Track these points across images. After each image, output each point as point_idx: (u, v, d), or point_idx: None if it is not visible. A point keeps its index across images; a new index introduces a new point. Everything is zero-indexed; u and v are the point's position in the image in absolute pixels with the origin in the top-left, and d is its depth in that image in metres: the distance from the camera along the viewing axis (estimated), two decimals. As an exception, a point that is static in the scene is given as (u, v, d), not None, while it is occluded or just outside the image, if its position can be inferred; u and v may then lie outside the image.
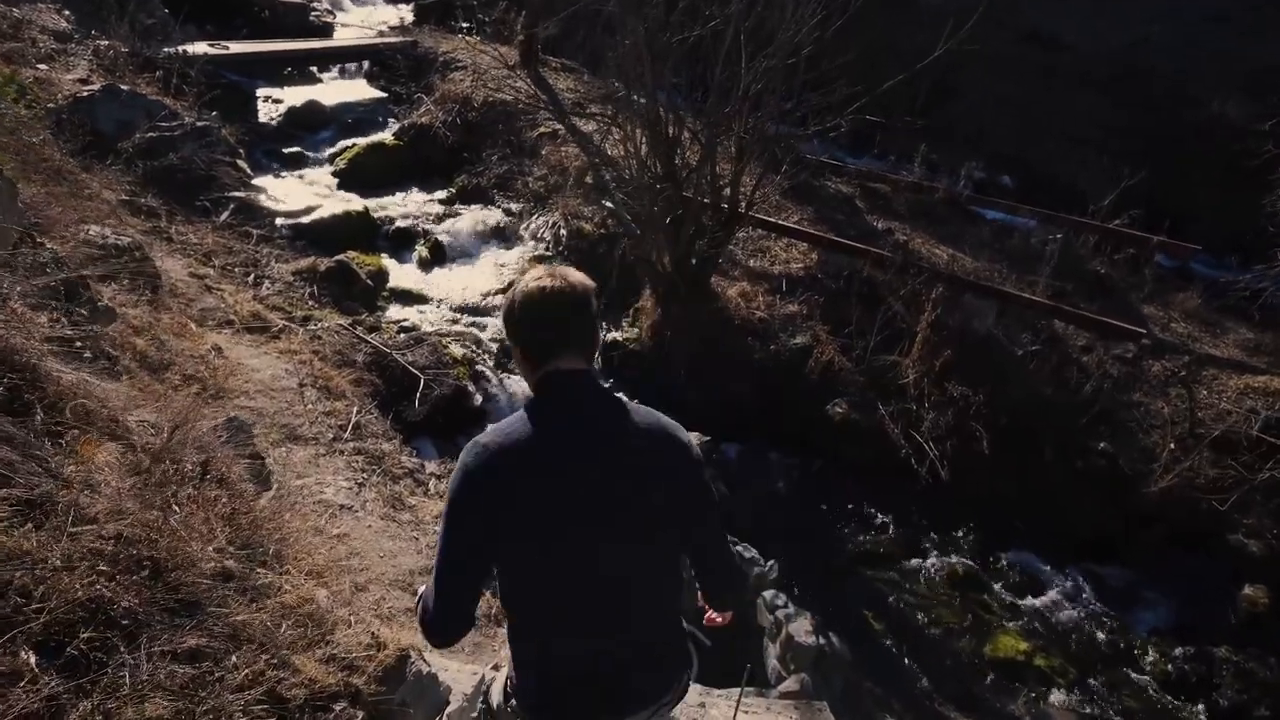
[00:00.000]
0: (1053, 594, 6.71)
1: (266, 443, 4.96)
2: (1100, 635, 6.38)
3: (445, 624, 1.78)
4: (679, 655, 2.05)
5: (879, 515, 7.29)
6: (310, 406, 5.48)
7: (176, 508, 2.14)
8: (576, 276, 1.81)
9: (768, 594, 5.66)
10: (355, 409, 5.71)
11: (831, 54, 7.68)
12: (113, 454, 2.11)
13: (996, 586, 6.73)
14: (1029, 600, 6.60)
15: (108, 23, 11.18)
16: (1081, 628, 6.48)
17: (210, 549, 2.01)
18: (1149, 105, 12.94)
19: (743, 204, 8.53)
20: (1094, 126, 13.06)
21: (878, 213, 11.01)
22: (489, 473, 1.70)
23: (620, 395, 1.92)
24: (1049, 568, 6.94)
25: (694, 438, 1.96)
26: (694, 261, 8.58)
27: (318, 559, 2.65)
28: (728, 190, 8.44)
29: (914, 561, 6.88)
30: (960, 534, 7.14)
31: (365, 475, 5.00)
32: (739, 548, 5.94)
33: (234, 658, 1.72)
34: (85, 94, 9.17)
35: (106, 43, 10.81)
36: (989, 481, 7.30)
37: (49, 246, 3.81)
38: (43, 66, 9.74)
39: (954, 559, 6.90)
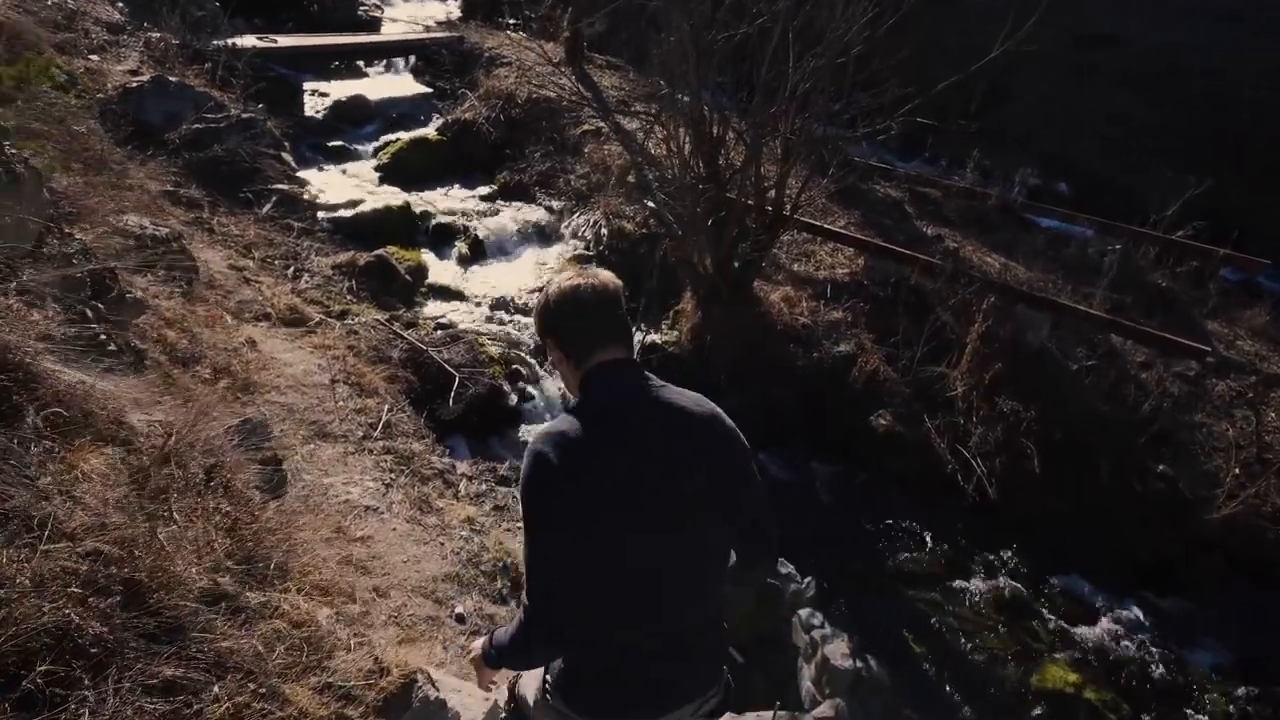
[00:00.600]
0: (1106, 623, 6.38)
1: (295, 440, 4.87)
2: (1157, 669, 6.04)
3: (554, 625, 1.80)
4: (713, 647, 2.01)
5: (923, 532, 7.01)
6: (341, 403, 5.39)
7: (177, 517, 2.01)
8: (606, 275, 1.90)
9: (803, 612, 5.43)
10: (386, 407, 5.61)
11: (883, 53, 7.43)
12: (107, 460, 1.99)
13: (1046, 612, 6.41)
14: (1080, 628, 6.28)
15: (159, 15, 11.30)
16: (1136, 660, 6.14)
17: (201, 566, 1.87)
18: (1214, 108, 12.45)
19: (788, 206, 8.30)
20: (1153, 131, 12.58)
21: (927, 218, 10.69)
22: (542, 475, 1.75)
23: (659, 382, 1.88)
24: (1103, 595, 6.61)
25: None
26: (736, 264, 8.37)
27: (326, 573, 2.51)
28: (772, 192, 8.22)
29: (958, 582, 6.60)
30: (1008, 555, 6.83)
31: (393, 475, 4.89)
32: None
33: (216, 688, 1.58)
34: (134, 85, 9.24)
35: (158, 35, 10.91)
36: (1040, 501, 6.98)
37: (77, 238, 3.74)
38: (94, 57, 9.85)
39: (1001, 581, 6.60)
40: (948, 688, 5.65)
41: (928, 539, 6.98)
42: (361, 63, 13.93)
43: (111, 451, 2.05)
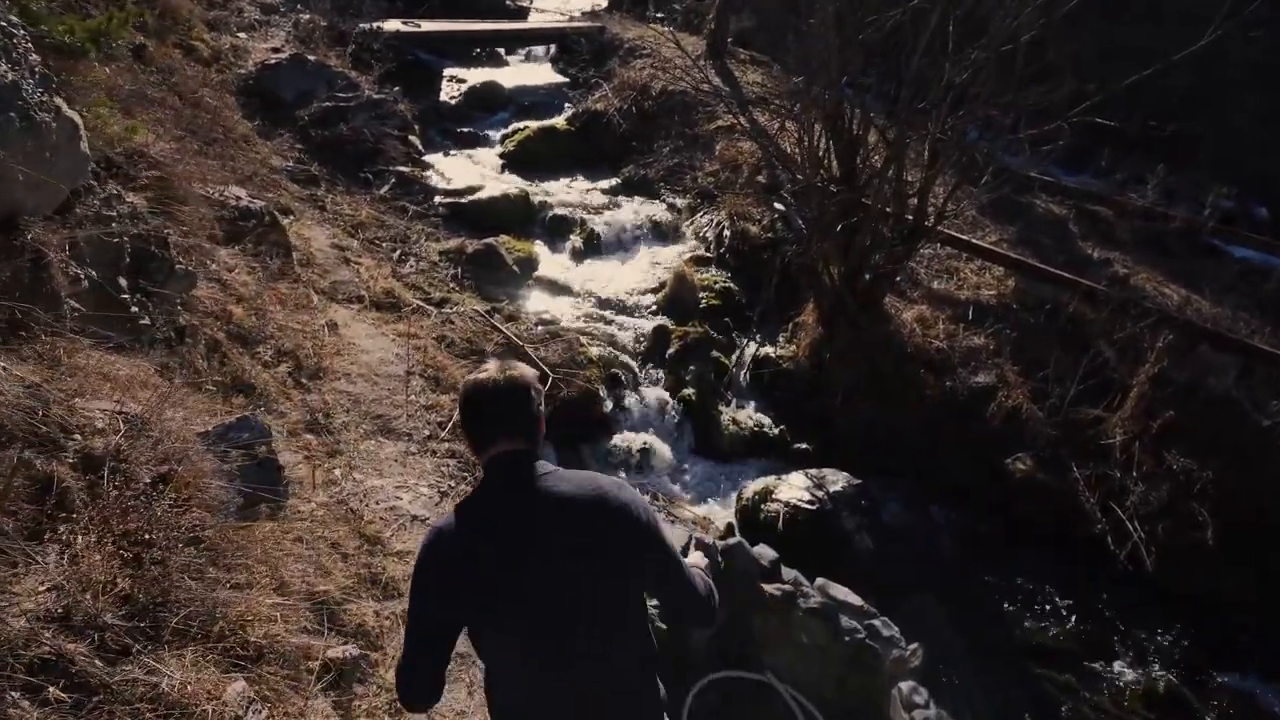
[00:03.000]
0: (1287, 739, 5.26)
1: (354, 434, 4.54)
2: (1352, 808, 4.90)
3: (411, 690, 1.86)
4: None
5: (1059, 600, 6.05)
6: (412, 398, 5.04)
7: (79, 543, 1.58)
8: (520, 369, 1.94)
9: (904, 685, 4.67)
10: (460, 405, 5.22)
11: (1056, 44, 6.49)
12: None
13: (1209, 716, 5.34)
14: (1254, 744, 5.20)
15: (311, -2, 11.54)
16: (1323, 790, 5.01)
17: (61, 624, 1.43)
18: None
19: (931, 216, 7.44)
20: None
21: (1094, 240, 9.49)
22: (421, 566, 1.85)
23: (550, 469, 1.87)
24: (1284, 703, 5.47)
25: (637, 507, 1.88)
26: (867, 276, 7.57)
27: (276, 627, 2.04)
28: (914, 200, 7.38)
29: (1100, 666, 5.61)
30: (1165, 639, 5.77)
31: (453, 483, 4.47)
32: (877, 621, 4.96)
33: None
34: (272, 61, 9.36)
35: (307, 16, 11.11)
36: (1211, 580, 5.89)
37: (129, 200, 3.50)
38: (242, 35, 10.08)
39: (1154, 670, 5.57)
40: (1077, 800, 4.75)
41: (1065, 608, 6.00)
42: (503, 51, 13.91)
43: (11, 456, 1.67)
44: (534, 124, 11.07)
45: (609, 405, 6.98)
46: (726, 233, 9.12)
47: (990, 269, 8.52)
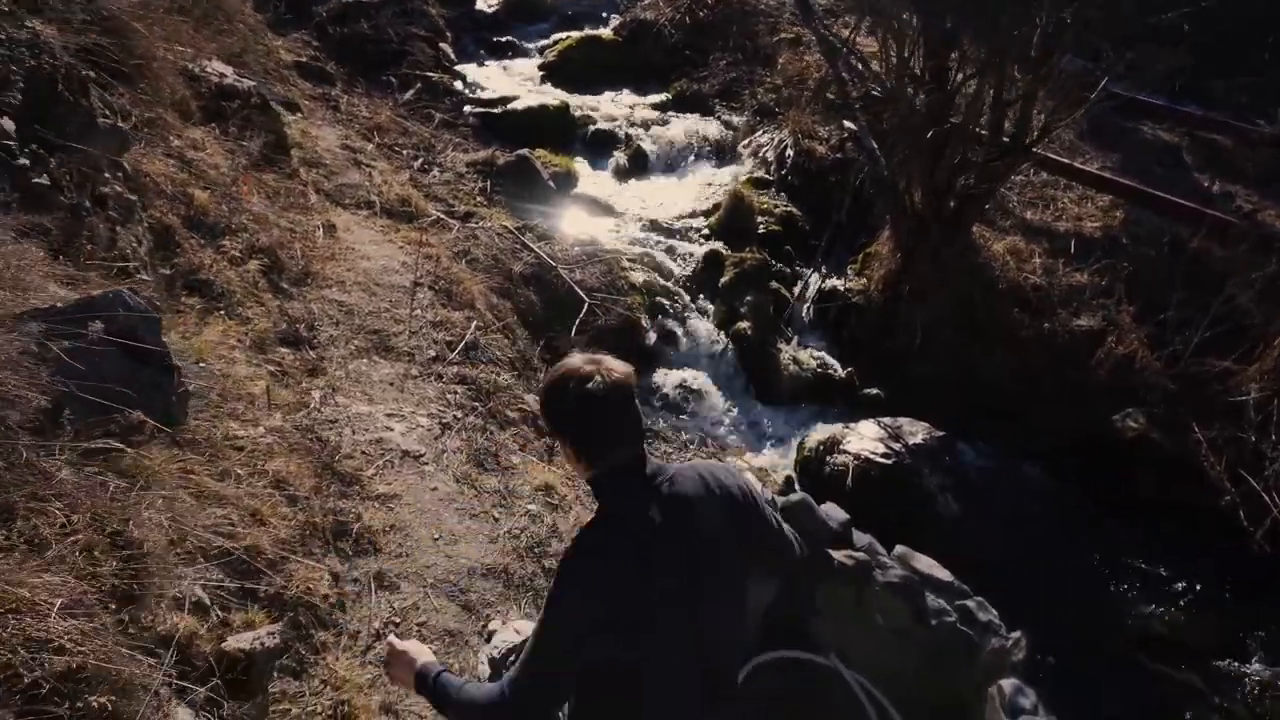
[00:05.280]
0: None
1: (342, 350, 3.73)
2: None
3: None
4: None
5: (1178, 583, 5.12)
6: (418, 312, 4.21)
7: None
8: (618, 365, 1.72)
9: (1006, 684, 3.80)
10: (475, 324, 4.38)
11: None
12: None
13: (1366, 729, 4.43)
14: None
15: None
16: None
17: None
18: None
19: (1032, 135, 6.36)
20: None
21: (1211, 172, 8.28)
22: (573, 597, 1.63)
23: (670, 471, 1.71)
24: None
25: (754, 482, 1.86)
26: (953, 201, 6.55)
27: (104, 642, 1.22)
28: (1007, 121, 6.31)
29: (1230, 663, 4.70)
30: (1310, 635, 4.83)
31: (459, 414, 3.66)
32: (970, 602, 4.09)
33: None
34: (291, -49, 8.45)
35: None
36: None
37: (31, 25, 2.66)
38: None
39: (1298, 673, 4.64)
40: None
41: (1185, 594, 5.09)
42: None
43: None
44: (577, 34, 10.07)
45: (652, 337, 6.13)
46: (789, 153, 8.10)
47: (1093, 198, 7.42)
